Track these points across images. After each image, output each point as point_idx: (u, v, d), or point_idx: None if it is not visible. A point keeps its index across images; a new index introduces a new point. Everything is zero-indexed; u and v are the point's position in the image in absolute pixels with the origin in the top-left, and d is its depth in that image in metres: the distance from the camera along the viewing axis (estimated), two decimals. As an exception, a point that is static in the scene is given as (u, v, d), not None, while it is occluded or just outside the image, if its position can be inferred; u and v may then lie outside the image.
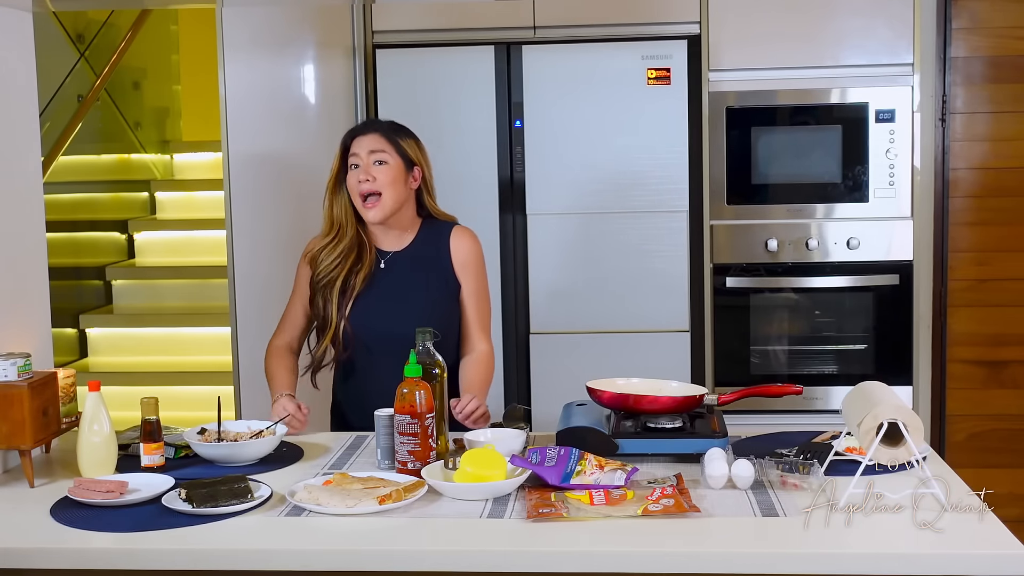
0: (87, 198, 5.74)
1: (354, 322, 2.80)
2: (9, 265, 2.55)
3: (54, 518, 2.13)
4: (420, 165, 2.84)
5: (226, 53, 3.62)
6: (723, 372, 4.10)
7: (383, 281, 2.82)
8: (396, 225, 2.84)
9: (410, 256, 2.85)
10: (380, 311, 2.80)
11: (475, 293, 2.88)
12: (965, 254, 4.11)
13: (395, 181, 2.77)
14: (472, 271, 2.87)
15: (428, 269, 2.84)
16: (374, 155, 2.77)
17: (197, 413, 3.85)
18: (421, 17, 4.08)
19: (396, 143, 2.80)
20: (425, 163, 2.86)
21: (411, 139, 2.85)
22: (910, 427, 2.08)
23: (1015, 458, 4.14)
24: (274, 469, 2.41)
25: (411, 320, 2.63)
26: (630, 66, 4.00)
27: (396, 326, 2.73)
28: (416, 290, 2.82)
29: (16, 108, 2.62)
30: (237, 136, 3.65)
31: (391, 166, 2.77)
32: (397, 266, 2.84)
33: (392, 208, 2.79)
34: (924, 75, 4.01)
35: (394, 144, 2.80)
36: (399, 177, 2.79)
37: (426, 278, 2.83)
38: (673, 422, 2.43)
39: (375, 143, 2.79)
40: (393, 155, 2.78)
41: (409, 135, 2.86)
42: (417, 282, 2.82)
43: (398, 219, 2.83)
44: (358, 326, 2.80)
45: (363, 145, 2.79)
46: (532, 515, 2.05)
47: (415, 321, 2.58)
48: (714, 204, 4.06)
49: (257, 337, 3.69)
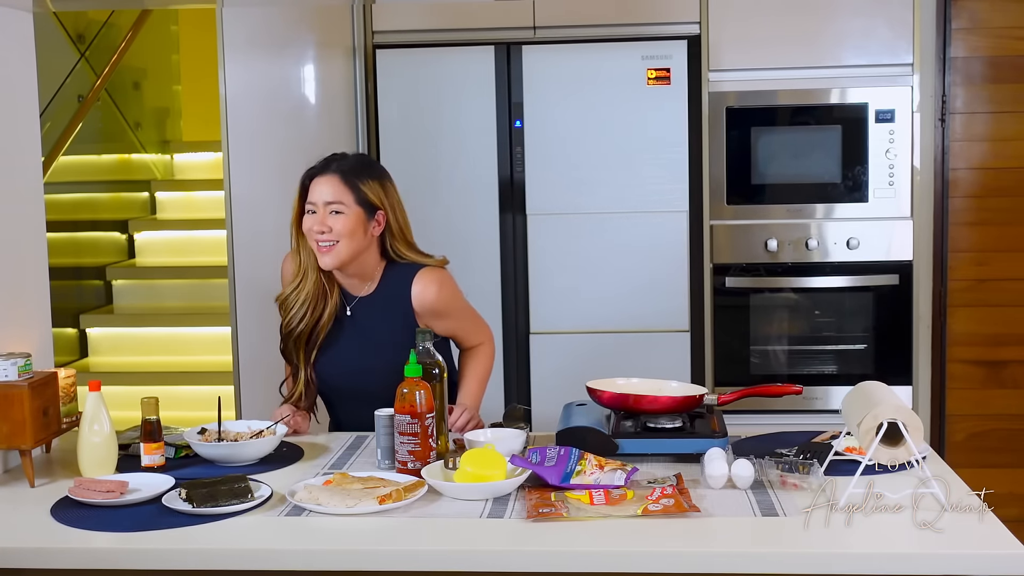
0: (87, 198, 5.74)
1: (319, 371, 2.74)
2: (9, 265, 2.55)
3: (54, 518, 2.13)
4: (384, 209, 2.66)
5: (226, 53, 3.62)
6: (723, 372, 4.10)
7: (349, 329, 2.72)
8: (356, 272, 2.69)
9: (374, 302, 2.71)
10: (345, 361, 2.72)
11: (456, 325, 2.78)
12: (965, 254, 4.11)
13: (353, 232, 2.60)
14: (444, 314, 2.72)
15: (392, 317, 2.69)
16: (330, 205, 2.60)
17: (197, 413, 3.85)
18: (421, 17, 4.08)
19: (356, 189, 2.61)
20: (390, 205, 2.67)
21: (375, 180, 2.65)
22: (910, 427, 2.08)
23: (1015, 458, 4.14)
24: (274, 469, 2.41)
25: (375, 370, 2.63)
26: (630, 66, 4.00)
27: (360, 376, 2.69)
28: (381, 338, 2.69)
29: (16, 108, 2.62)
30: (237, 136, 3.65)
31: (348, 216, 2.60)
32: (362, 313, 2.71)
33: (348, 257, 2.63)
34: (924, 75, 4.01)
35: (353, 190, 2.61)
36: (357, 227, 2.61)
37: (390, 327, 2.69)
38: (673, 422, 2.44)
39: (332, 191, 2.60)
40: (351, 205, 2.60)
41: (371, 175, 2.66)
42: (382, 331, 2.69)
43: (359, 266, 2.68)
44: (323, 375, 2.74)
45: (319, 192, 2.61)
46: (532, 515, 2.05)
47: (380, 371, 2.58)
48: (714, 204, 4.06)
49: (257, 337, 3.70)
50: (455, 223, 4.04)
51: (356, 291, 2.73)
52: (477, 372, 2.82)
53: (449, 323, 2.75)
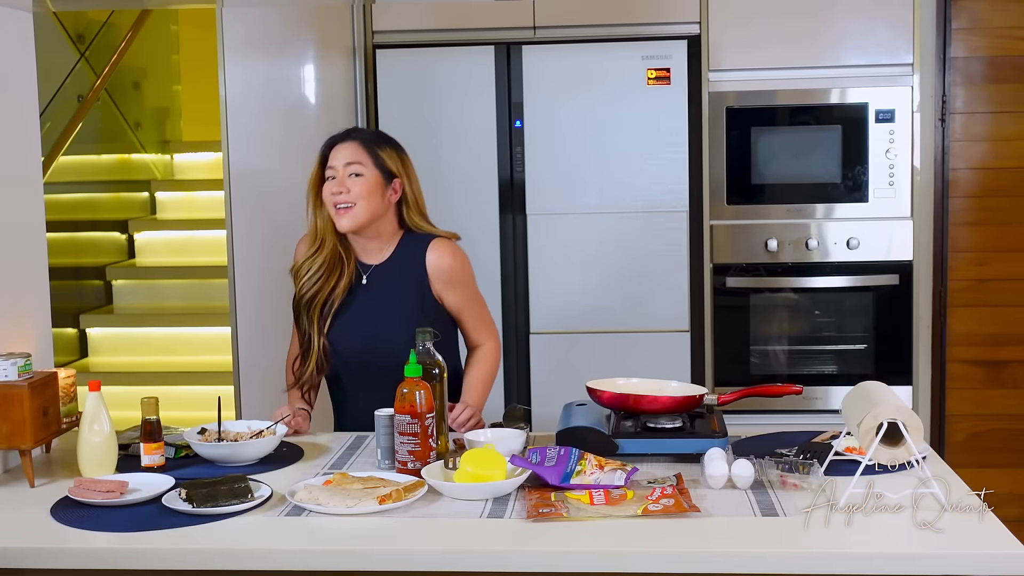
0: (87, 198, 5.74)
1: (333, 339, 2.75)
2: (9, 265, 2.55)
3: (54, 518, 2.13)
4: (400, 177, 2.73)
5: (226, 53, 3.62)
6: (723, 372, 4.10)
7: (363, 296, 2.75)
8: (374, 237, 2.74)
9: (389, 270, 2.76)
10: (359, 328, 2.74)
11: (464, 303, 2.80)
12: (965, 254, 4.11)
13: (371, 194, 2.67)
14: (457, 285, 2.77)
15: (407, 285, 2.74)
16: (350, 167, 2.67)
17: (197, 413, 3.86)
18: (421, 17, 4.08)
19: (375, 154, 2.70)
20: (407, 175, 2.74)
21: (392, 149, 2.74)
22: (910, 427, 2.08)
23: (1015, 458, 4.14)
24: (274, 469, 2.41)
25: (389, 337, 2.66)
26: (630, 66, 4.00)
27: (375, 343, 2.71)
28: (394, 307, 2.73)
29: (16, 108, 2.62)
30: (237, 136, 3.65)
31: (366, 178, 2.67)
32: (377, 281, 2.75)
33: (365, 220, 2.68)
34: (924, 75, 4.01)
35: (372, 155, 2.69)
36: (375, 190, 2.68)
37: (404, 295, 2.73)
38: (673, 422, 2.44)
39: (352, 154, 2.69)
40: (370, 167, 2.68)
41: (391, 145, 2.75)
42: (396, 298, 2.73)
43: (375, 231, 2.73)
44: (337, 343, 2.75)
45: (339, 156, 2.69)
46: (532, 515, 2.05)
47: (393, 338, 2.62)
48: (714, 204, 4.06)
49: (257, 337, 3.70)
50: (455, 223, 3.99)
51: (371, 259, 2.77)
52: (481, 373, 2.84)
53: (459, 296, 2.78)
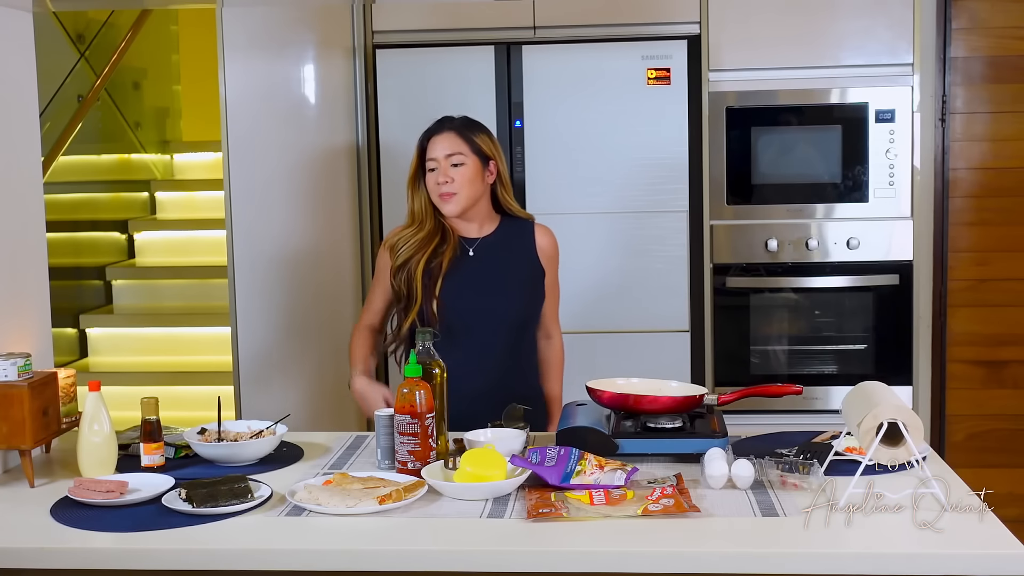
0: (87, 198, 5.74)
1: (446, 301, 2.85)
2: (9, 265, 2.55)
3: (54, 518, 2.13)
4: (495, 159, 2.91)
5: (226, 53, 3.62)
6: (723, 372, 4.10)
7: (472, 266, 2.90)
8: (475, 218, 2.92)
9: (496, 244, 2.93)
10: (472, 290, 2.88)
11: (553, 284, 3.03)
12: (965, 254, 4.11)
13: (472, 180, 2.85)
14: (554, 266, 3.02)
15: (515, 256, 2.94)
16: (451, 158, 2.84)
17: (197, 413, 3.86)
18: (421, 17, 4.07)
19: (471, 141, 2.87)
20: (499, 156, 2.93)
21: (485, 134, 2.92)
22: (910, 427, 2.08)
23: (1015, 458, 4.14)
24: (274, 469, 2.41)
25: (504, 297, 2.87)
26: (630, 66, 4.00)
27: (489, 303, 2.87)
28: (506, 271, 2.91)
29: (16, 108, 2.62)
30: (237, 136, 3.65)
31: (467, 166, 2.85)
32: (484, 253, 2.92)
33: (468, 203, 2.86)
34: (924, 75, 4.01)
35: (469, 143, 2.86)
36: (476, 175, 2.86)
37: (512, 263, 2.93)
38: (673, 422, 2.44)
39: (451, 145, 2.85)
40: (469, 155, 2.86)
41: (483, 130, 2.93)
42: (506, 265, 2.92)
43: (475, 212, 2.91)
44: (449, 306, 2.85)
45: (439, 148, 2.86)
46: (532, 515, 2.05)
47: (508, 299, 2.88)
48: (714, 204, 4.06)
49: (257, 337, 3.70)
50: (455, 223, 4.03)
51: (472, 234, 2.94)
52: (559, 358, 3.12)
53: (552, 277, 3.03)
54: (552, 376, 3.09)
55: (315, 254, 3.87)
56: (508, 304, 2.90)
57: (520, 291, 2.93)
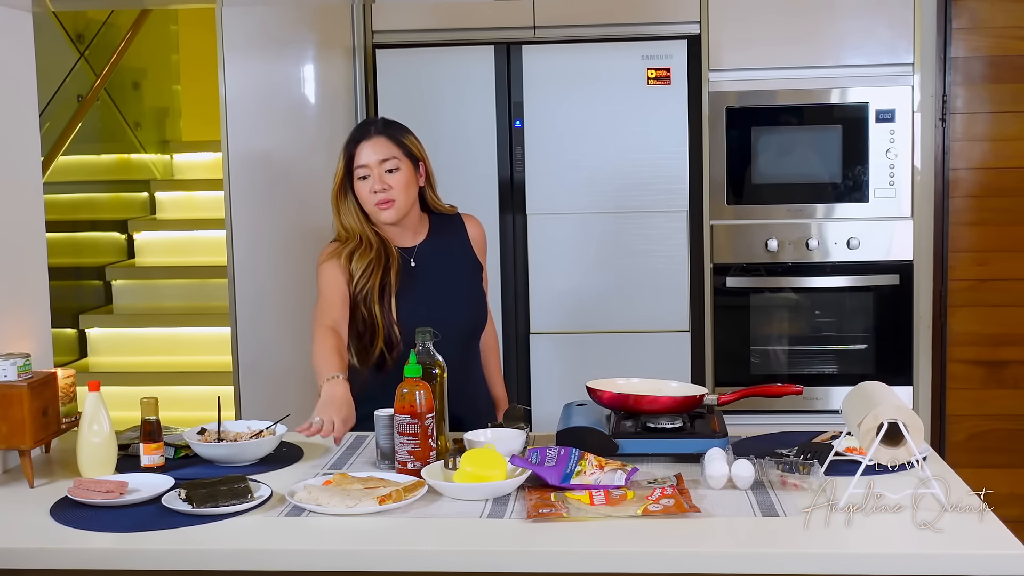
0: (87, 198, 5.74)
1: (404, 320, 2.73)
2: (9, 265, 2.55)
3: (54, 518, 2.13)
4: (423, 160, 2.82)
5: (226, 53, 3.62)
6: (723, 372, 4.10)
7: (417, 278, 2.81)
8: (409, 225, 2.82)
9: (432, 248, 2.85)
10: (425, 306, 2.76)
11: (485, 271, 2.97)
12: (965, 254, 4.11)
13: (408, 184, 2.76)
14: (485, 253, 2.95)
15: (455, 256, 2.87)
16: (385, 163, 2.73)
17: (197, 413, 3.86)
18: (421, 17, 4.07)
19: (402, 144, 2.77)
20: (426, 157, 2.84)
21: (411, 135, 2.83)
22: (910, 427, 2.08)
23: (1015, 458, 4.14)
24: (274, 469, 2.41)
25: (454, 307, 2.79)
26: (630, 66, 3.99)
27: (445, 315, 2.74)
28: (453, 278, 2.85)
29: (16, 108, 2.62)
30: (237, 136, 3.65)
31: (403, 171, 2.75)
32: (424, 261, 2.83)
33: (406, 209, 2.77)
34: (924, 75, 4.01)
35: (400, 146, 2.76)
36: (411, 180, 2.77)
37: (453, 267, 2.86)
38: (673, 422, 2.43)
39: (384, 150, 2.74)
40: (403, 158, 2.75)
41: (408, 130, 2.84)
42: (451, 270, 2.85)
43: (409, 218, 2.81)
44: (407, 323, 2.70)
45: (370, 154, 2.73)
46: (532, 515, 2.05)
47: (459, 308, 2.80)
48: (714, 204, 4.06)
49: (257, 337, 3.70)
50: (455, 223, 4.03)
51: (408, 243, 2.84)
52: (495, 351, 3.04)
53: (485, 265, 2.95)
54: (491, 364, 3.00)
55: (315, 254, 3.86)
56: (460, 313, 2.82)
57: (469, 297, 2.86)
